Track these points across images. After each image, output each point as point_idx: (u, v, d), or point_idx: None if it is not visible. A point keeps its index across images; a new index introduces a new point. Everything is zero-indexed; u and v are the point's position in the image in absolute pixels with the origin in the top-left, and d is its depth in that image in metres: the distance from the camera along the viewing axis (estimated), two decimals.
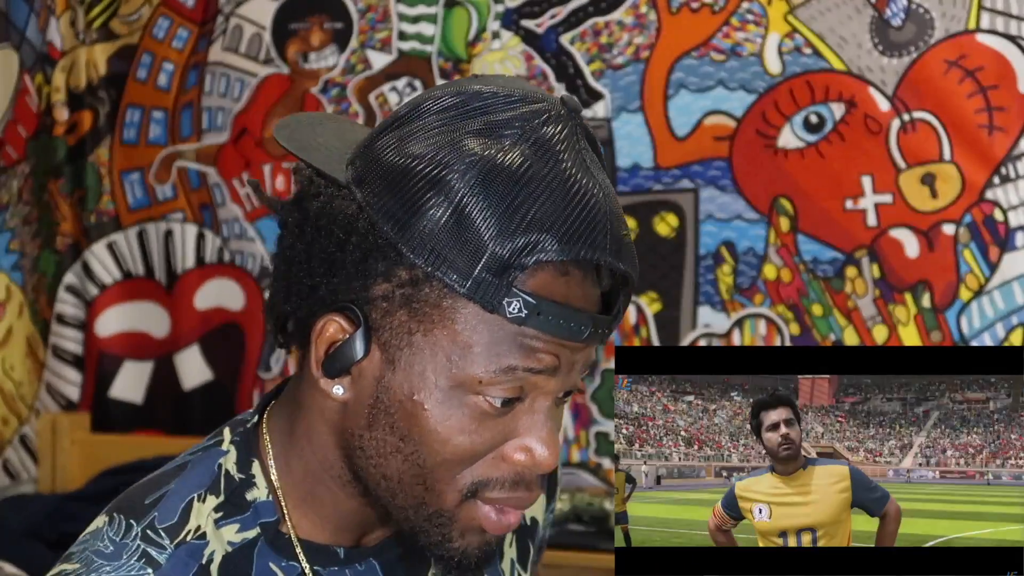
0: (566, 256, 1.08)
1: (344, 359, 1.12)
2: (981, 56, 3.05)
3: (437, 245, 1.07)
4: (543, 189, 1.08)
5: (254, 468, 1.21)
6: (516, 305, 1.08)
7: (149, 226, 3.83)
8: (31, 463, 3.82)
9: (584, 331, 1.11)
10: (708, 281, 3.29)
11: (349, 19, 3.59)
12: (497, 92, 1.12)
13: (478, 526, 1.15)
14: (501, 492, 1.14)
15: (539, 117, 1.11)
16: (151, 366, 3.83)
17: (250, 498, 1.20)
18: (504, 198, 1.07)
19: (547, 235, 1.07)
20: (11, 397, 3.83)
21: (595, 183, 1.10)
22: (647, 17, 3.31)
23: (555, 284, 1.10)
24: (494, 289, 1.08)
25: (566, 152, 1.10)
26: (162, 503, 1.17)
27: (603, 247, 1.09)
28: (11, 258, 3.86)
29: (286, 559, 1.19)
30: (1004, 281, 3.05)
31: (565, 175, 1.09)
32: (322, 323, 1.13)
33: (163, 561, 1.14)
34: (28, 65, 3.85)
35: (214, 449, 1.22)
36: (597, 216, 1.09)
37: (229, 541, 1.17)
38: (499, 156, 1.08)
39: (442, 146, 1.09)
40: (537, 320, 1.09)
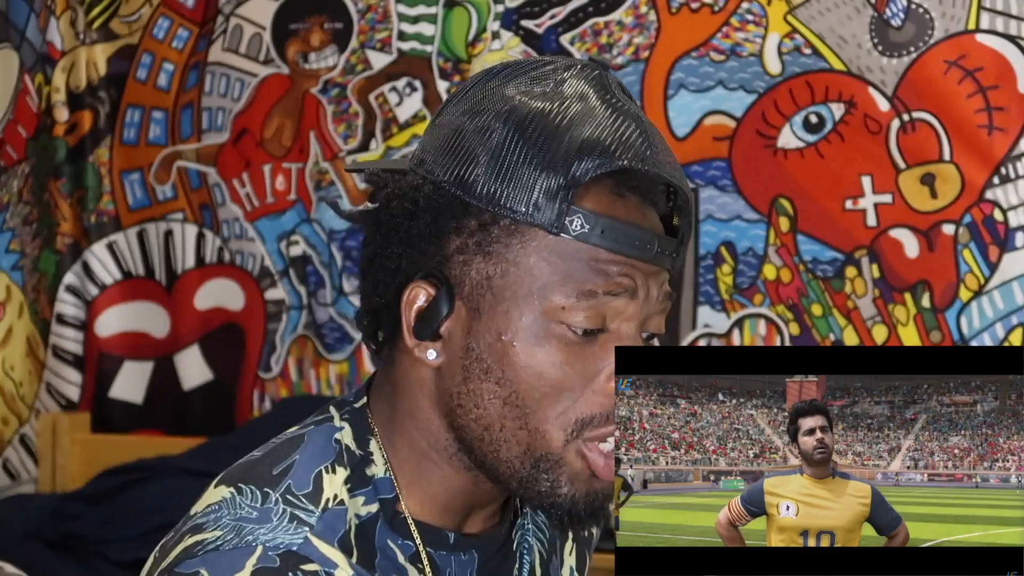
0: (610, 167, 1.13)
1: (433, 320, 1.17)
2: (981, 56, 3.05)
3: (494, 186, 1.14)
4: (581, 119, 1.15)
5: (371, 445, 1.24)
6: (578, 222, 1.14)
7: (149, 226, 3.83)
8: (31, 463, 3.82)
9: (651, 248, 1.16)
10: (708, 281, 3.29)
11: (349, 19, 3.59)
12: (533, 59, 1.22)
13: (587, 472, 1.18)
14: (606, 427, 1.17)
15: (569, 69, 1.20)
16: (151, 366, 3.83)
17: (370, 474, 1.22)
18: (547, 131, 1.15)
19: (591, 154, 1.14)
20: (11, 397, 3.84)
21: (632, 115, 1.17)
22: (647, 17, 3.31)
23: (614, 204, 1.16)
24: (554, 210, 1.13)
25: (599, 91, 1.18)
26: (292, 473, 1.19)
27: (648, 159, 1.15)
28: (11, 258, 3.86)
29: (402, 537, 1.21)
30: (1004, 281, 3.05)
31: (601, 108, 1.17)
32: (407, 292, 1.19)
33: (314, 522, 1.16)
34: (28, 65, 3.86)
35: (327, 424, 1.24)
36: (635, 135, 1.16)
37: (357, 513, 1.20)
38: (535, 100, 1.16)
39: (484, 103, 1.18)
40: (602, 237, 1.14)
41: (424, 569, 1.21)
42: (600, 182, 1.15)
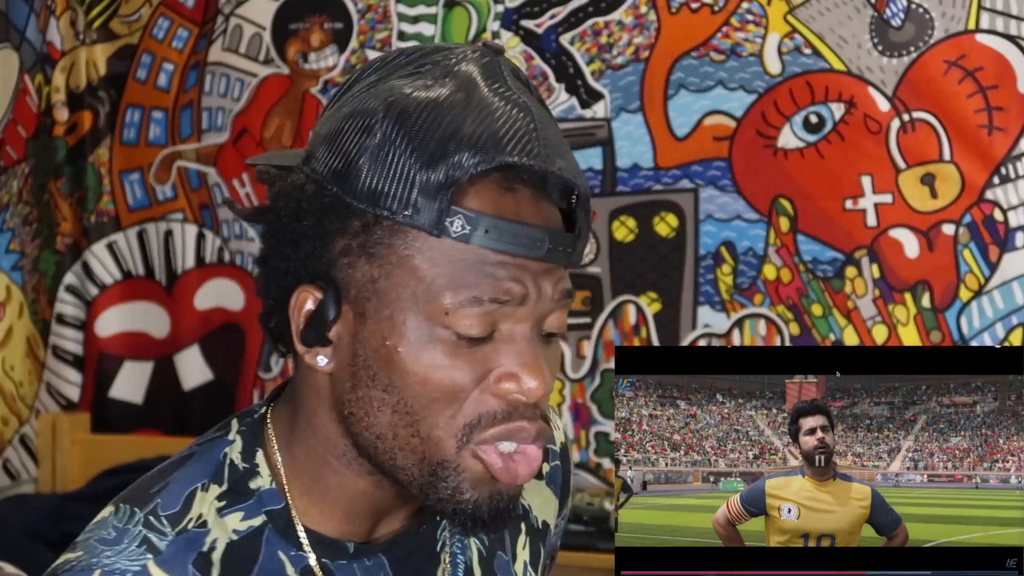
0: (490, 164, 1.08)
1: (320, 325, 1.13)
2: (981, 56, 3.05)
3: (374, 185, 1.09)
4: (465, 112, 1.09)
5: (258, 457, 1.20)
6: (459, 223, 1.08)
7: (149, 226, 3.83)
8: (31, 463, 3.83)
9: (542, 245, 1.10)
10: (708, 281, 3.29)
11: (349, 19, 3.59)
12: (418, 47, 1.16)
13: (487, 475, 1.13)
14: (497, 427, 1.12)
15: (457, 56, 1.14)
16: (151, 366, 3.83)
17: (253, 486, 1.19)
18: (426, 125, 1.09)
19: (471, 149, 1.08)
20: (11, 397, 3.84)
21: (519, 104, 1.11)
22: (647, 17, 3.31)
23: (502, 201, 1.10)
24: (433, 211, 1.08)
25: (487, 80, 1.12)
26: (165, 491, 1.17)
27: (535, 154, 1.09)
28: (11, 258, 3.86)
29: (295, 548, 1.18)
30: (1004, 281, 3.05)
31: (486, 99, 1.11)
32: (295, 296, 1.14)
33: (163, 548, 1.14)
34: (28, 65, 3.86)
35: (220, 439, 1.22)
36: (521, 127, 1.10)
37: (235, 529, 1.17)
38: (417, 91, 1.11)
39: (367, 98, 1.13)
40: (486, 238, 1.09)
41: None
42: (486, 178, 1.10)
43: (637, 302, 3.34)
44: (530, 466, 1.14)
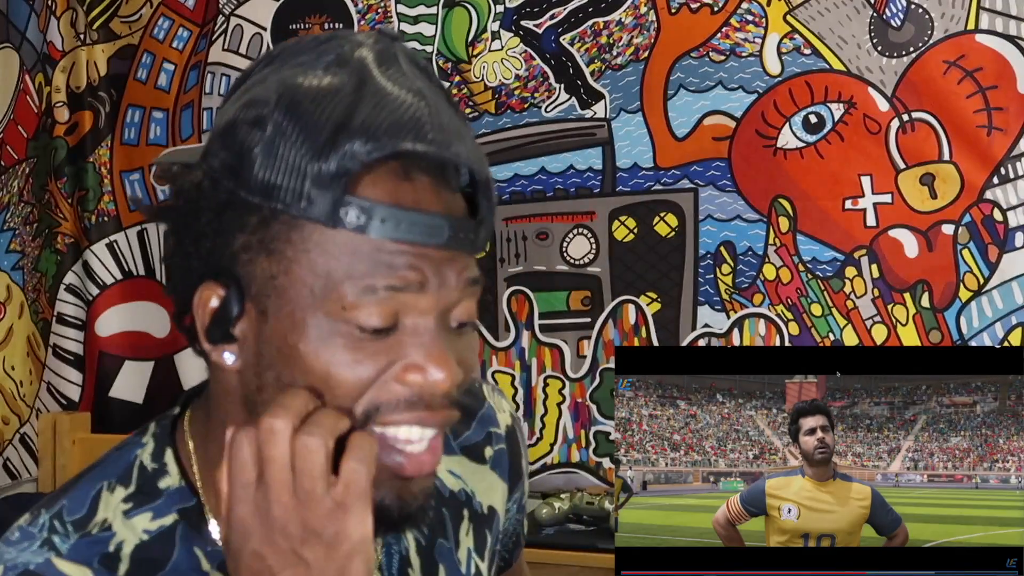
0: (383, 152, 1.05)
1: (225, 322, 1.11)
2: (980, 56, 3.05)
3: (267, 178, 1.06)
4: (356, 99, 1.07)
5: (167, 456, 1.20)
6: (353, 213, 1.06)
7: (149, 226, 3.83)
8: (31, 463, 3.83)
9: (442, 233, 1.08)
10: (708, 281, 3.29)
11: (349, 19, 3.59)
12: (314, 36, 1.13)
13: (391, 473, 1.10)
14: (398, 414, 1.09)
15: (351, 44, 1.11)
16: (151, 366, 3.83)
17: (162, 486, 1.18)
18: (317, 114, 1.06)
19: (363, 137, 1.05)
20: (11, 397, 3.84)
21: (414, 90, 1.09)
22: (647, 17, 3.31)
23: (399, 189, 1.08)
24: (328, 202, 1.06)
25: (380, 67, 1.10)
26: (71, 492, 1.18)
27: (427, 139, 1.06)
28: (11, 258, 3.86)
29: (211, 544, 1.17)
30: (1003, 281, 3.05)
31: (379, 86, 1.08)
32: (199, 293, 1.12)
33: (65, 550, 1.14)
34: (28, 65, 3.86)
35: (134, 441, 1.22)
36: (416, 113, 1.07)
37: (144, 529, 1.16)
38: (308, 80, 1.08)
39: (260, 90, 1.10)
40: (383, 227, 1.06)
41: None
42: (382, 167, 1.07)
43: (637, 302, 3.34)
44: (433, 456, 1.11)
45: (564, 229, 3.40)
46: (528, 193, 3.43)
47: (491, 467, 1.42)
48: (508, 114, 3.43)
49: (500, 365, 3.46)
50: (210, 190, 1.10)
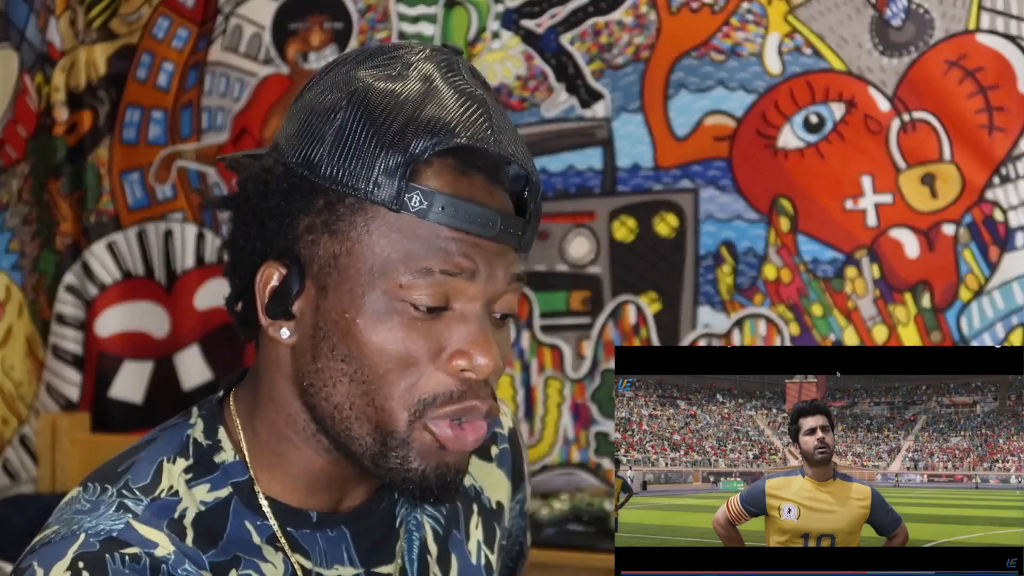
0: (446, 145, 1.15)
1: (284, 299, 1.19)
2: (981, 56, 3.05)
3: (338, 165, 1.16)
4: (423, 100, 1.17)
5: (220, 434, 1.26)
6: (417, 199, 1.15)
7: (149, 226, 3.83)
8: (31, 463, 3.83)
9: (493, 226, 1.17)
10: (708, 281, 3.29)
11: (349, 19, 3.59)
12: (385, 44, 1.25)
13: (435, 446, 1.19)
14: (449, 406, 1.18)
15: (420, 53, 1.22)
16: (151, 366, 3.83)
17: (218, 460, 1.25)
18: (387, 110, 1.16)
19: (429, 132, 1.15)
20: (11, 397, 3.84)
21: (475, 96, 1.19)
22: (647, 17, 3.31)
23: (457, 181, 1.17)
24: (393, 187, 1.15)
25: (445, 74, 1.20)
26: (133, 468, 1.23)
27: (489, 139, 1.17)
28: (11, 258, 3.87)
29: (260, 518, 1.23)
30: (1004, 281, 3.05)
31: (444, 90, 1.18)
32: (261, 272, 1.20)
33: (140, 511, 1.19)
34: (28, 65, 3.86)
35: (182, 423, 1.28)
36: (477, 115, 1.17)
37: (202, 500, 1.22)
38: (379, 81, 1.19)
39: (334, 86, 1.21)
40: (442, 214, 1.16)
41: (283, 548, 1.23)
42: (443, 160, 1.17)
43: (637, 302, 3.34)
44: (476, 434, 1.20)
45: (564, 229, 3.40)
46: None
47: (497, 465, 1.48)
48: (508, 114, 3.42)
49: None
50: (281, 175, 1.19)
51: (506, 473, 1.48)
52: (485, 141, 1.16)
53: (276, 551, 1.23)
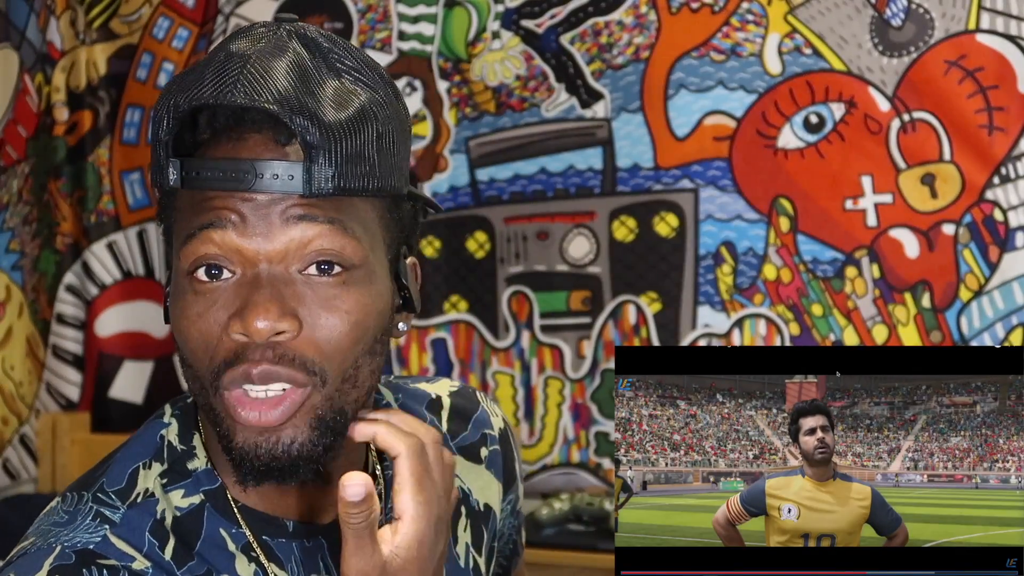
0: (179, 111, 1.11)
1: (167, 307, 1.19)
2: (981, 56, 3.05)
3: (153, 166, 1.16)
4: (182, 76, 1.15)
5: (195, 440, 1.24)
6: (172, 173, 1.12)
7: (149, 226, 3.84)
8: (31, 463, 3.83)
9: (247, 176, 1.10)
10: (708, 281, 3.29)
11: (349, 19, 3.59)
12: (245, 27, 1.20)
13: (234, 419, 1.13)
14: (230, 373, 1.12)
15: (245, 29, 1.17)
16: (151, 366, 3.84)
17: (191, 467, 1.23)
18: (157, 107, 1.15)
19: (168, 104, 1.13)
20: (11, 397, 3.84)
21: (239, 54, 1.13)
22: (647, 17, 3.31)
23: (217, 148, 1.13)
24: (164, 169, 1.13)
25: (234, 41, 1.15)
26: (108, 472, 1.22)
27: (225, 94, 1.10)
28: (11, 258, 3.86)
29: (235, 526, 1.21)
30: (1004, 281, 3.05)
31: (212, 58, 1.14)
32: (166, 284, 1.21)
33: (117, 519, 1.18)
34: (28, 65, 3.86)
35: (156, 423, 1.26)
36: (227, 72, 1.11)
37: (177, 506, 1.20)
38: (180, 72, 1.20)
39: None
40: (193, 180, 1.12)
41: (258, 557, 1.20)
42: (190, 128, 1.14)
43: (637, 302, 3.34)
44: (276, 408, 1.12)
45: (564, 229, 3.40)
46: (528, 193, 3.43)
47: (486, 466, 1.45)
48: (508, 114, 3.43)
49: (500, 365, 3.46)
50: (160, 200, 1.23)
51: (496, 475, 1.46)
52: (223, 96, 1.09)
53: (250, 562, 1.20)
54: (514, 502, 1.51)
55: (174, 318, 1.15)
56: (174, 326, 1.16)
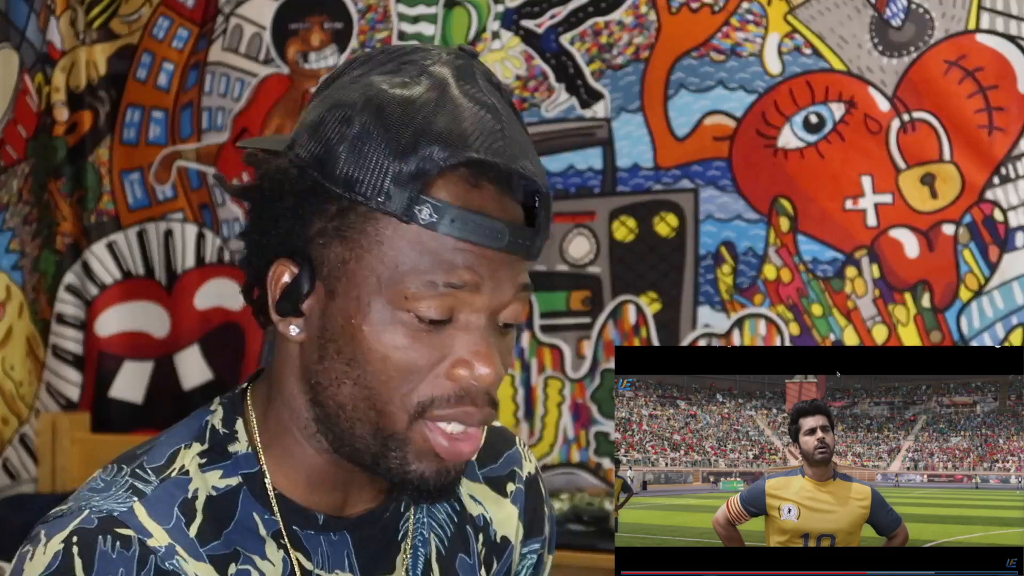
0: (459, 159, 1.16)
1: (294, 297, 1.22)
2: (981, 56, 3.05)
3: (350, 172, 1.17)
4: (436, 109, 1.18)
5: (237, 425, 1.29)
6: (427, 211, 1.16)
7: (149, 226, 3.83)
8: (31, 463, 3.83)
9: (501, 237, 1.18)
10: (708, 281, 3.29)
11: (349, 19, 3.59)
12: (399, 46, 1.25)
13: (431, 451, 1.21)
14: (447, 408, 1.20)
15: (433, 57, 1.22)
16: (151, 366, 3.83)
17: (232, 450, 1.28)
18: (401, 119, 1.17)
19: (442, 144, 1.16)
20: (11, 397, 3.84)
21: (488, 105, 1.19)
22: (647, 17, 3.31)
23: (468, 194, 1.18)
24: (404, 199, 1.16)
25: (459, 81, 1.20)
26: (151, 451, 1.27)
27: (500, 151, 1.17)
28: (11, 258, 3.86)
29: (268, 512, 1.26)
30: (1004, 281, 3.05)
31: (457, 98, 1.19)
32: (273, 269, 1.23)
33: (148, 492, 1.23)
34: (28, 65, 3.86)
35: (203, 411, 1.32)
36: (490, 126, 1.18)
37: (213, 485, 1.25)
38: (394, 89, 1.19)
39: (349, 91, 1.21)
40: (451, 226, 1.16)
41: (285, 545, 1.25)
42: (454, 171, 1.17)
43: (637, 302, 3.34)
44: (472, 444, 1.22)
45: (564, 229, 3.40)
46: None
47: (511, 501, 1.48)
48: None
49: None
50: (296, 177, 1.20)
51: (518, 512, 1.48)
52: (497, 154, 1.17)
53: (278, 548, 1.25)
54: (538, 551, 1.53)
55: (367, 337, 1.19)
56: (362, 342, 1.19)
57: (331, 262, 1.20)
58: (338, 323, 1.20)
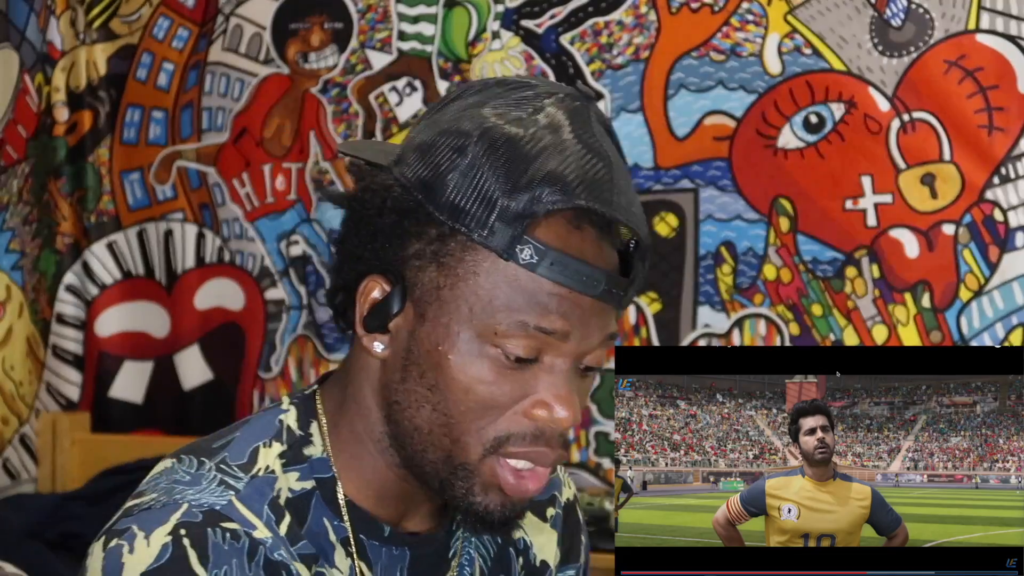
0: (567, 204, 1.17)
1: (383, 315, 1.23)
2: (981, 56, 3.05)
3: (457, 201, 1.18)
4: (550, 151, 1.19)
5: (312, 427, 1.30)
6: (528, 252, 1.17)
7: (149, 226, 3.83)
8: (31, 463, 3.83)
9: (597, 285, 1.19)
10: (708, 281, 3.29)
11: (349, 19, 3.59)
12: (519, 80, 1.26)
13: (498, 485, 1.22)
14: (522, 446, 1.22)
15: (550, 97, 1.23)
16: (151, 366, 3.83)
17: (307, 453, 1.29)
18: (514, 156, 1.18)
19: (552, 187, 1.17)
20: (11, 397, 3.84)
21: (601, 153, 1.20)
22: (647, 17, 3.31)
23: (569, 237, 1.19)
24: (507, 236, 1.17)
25: (573, 124, 1.21)
26: (230, 446, 1.27)
27: (606, 201, 1.18)
28: (11, 258, 3.86)
29: (337, 518, 1.27)
30: (1004, 281, 3.05)
31: (570, 142, 1.20)
32: (365, 283, 1.24)
33: (241, 487, 1.23)
34: (28, 65, 3.86)
35: (274, 409, 1.32)
36: (600, 174, 1.19)
37: (291, 487, 1.26)
38: (509, 125, 1.20)
39: (463, 120, 1.22)
40: (549, 269, 1.18)
41: (352, 553, 1.27)
42: (558, 215, 1.18)
43: (637, 302, 3.34)
44: (539, 483, 1.24)
45: None
46: None
47: (551, 525, 1.50)
48: None
49: None
50: (399, 196, 1.21)
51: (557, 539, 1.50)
52: (605, 203, 1.18)
53: (347, 556, 1.27)
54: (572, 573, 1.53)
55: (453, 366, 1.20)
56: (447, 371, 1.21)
57: (424, 285, 1.21)
58: (424, 347, 1.21)
